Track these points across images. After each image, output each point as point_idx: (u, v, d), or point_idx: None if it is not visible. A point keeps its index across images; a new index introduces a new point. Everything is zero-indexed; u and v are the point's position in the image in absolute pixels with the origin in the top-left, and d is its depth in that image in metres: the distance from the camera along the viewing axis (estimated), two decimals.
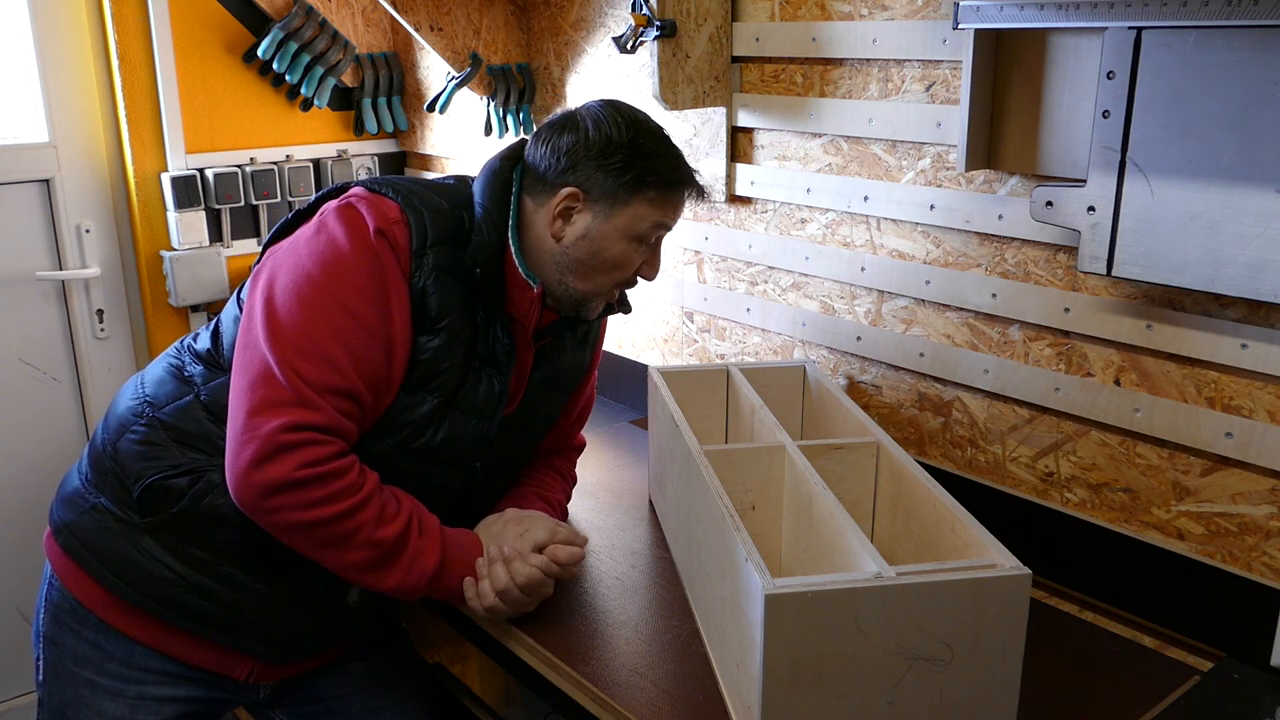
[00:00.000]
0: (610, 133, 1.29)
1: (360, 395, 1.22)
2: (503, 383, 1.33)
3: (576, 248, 1.30)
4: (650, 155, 1.30)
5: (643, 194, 1.29)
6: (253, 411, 1.17)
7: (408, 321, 1.26)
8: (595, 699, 1.18)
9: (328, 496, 1.17)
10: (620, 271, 1.33)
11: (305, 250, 1.24)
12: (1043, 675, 1.18)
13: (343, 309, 1.21)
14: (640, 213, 1.30)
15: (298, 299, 1.21)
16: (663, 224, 1.33)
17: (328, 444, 1.18)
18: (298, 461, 1.16)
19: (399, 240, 1.25)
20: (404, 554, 1.23)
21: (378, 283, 1.23)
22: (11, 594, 2.26)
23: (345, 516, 1.19)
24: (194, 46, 2.24)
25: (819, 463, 1.26)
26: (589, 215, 1.30)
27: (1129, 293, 1.30)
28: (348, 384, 1.20)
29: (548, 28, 2.16)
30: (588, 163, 1.28)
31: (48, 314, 2.24)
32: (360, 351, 1.21)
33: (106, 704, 1.35)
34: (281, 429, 1.16)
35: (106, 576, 1.31)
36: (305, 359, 1.19)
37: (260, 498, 1.17)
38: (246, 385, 1.20)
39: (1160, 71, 1.15)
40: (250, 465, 1.16)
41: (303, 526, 1.19)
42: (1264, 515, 1.23)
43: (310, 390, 1.18)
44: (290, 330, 1.20)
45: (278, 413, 1.17)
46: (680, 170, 1.33)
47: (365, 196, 1.28)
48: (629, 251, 1.32)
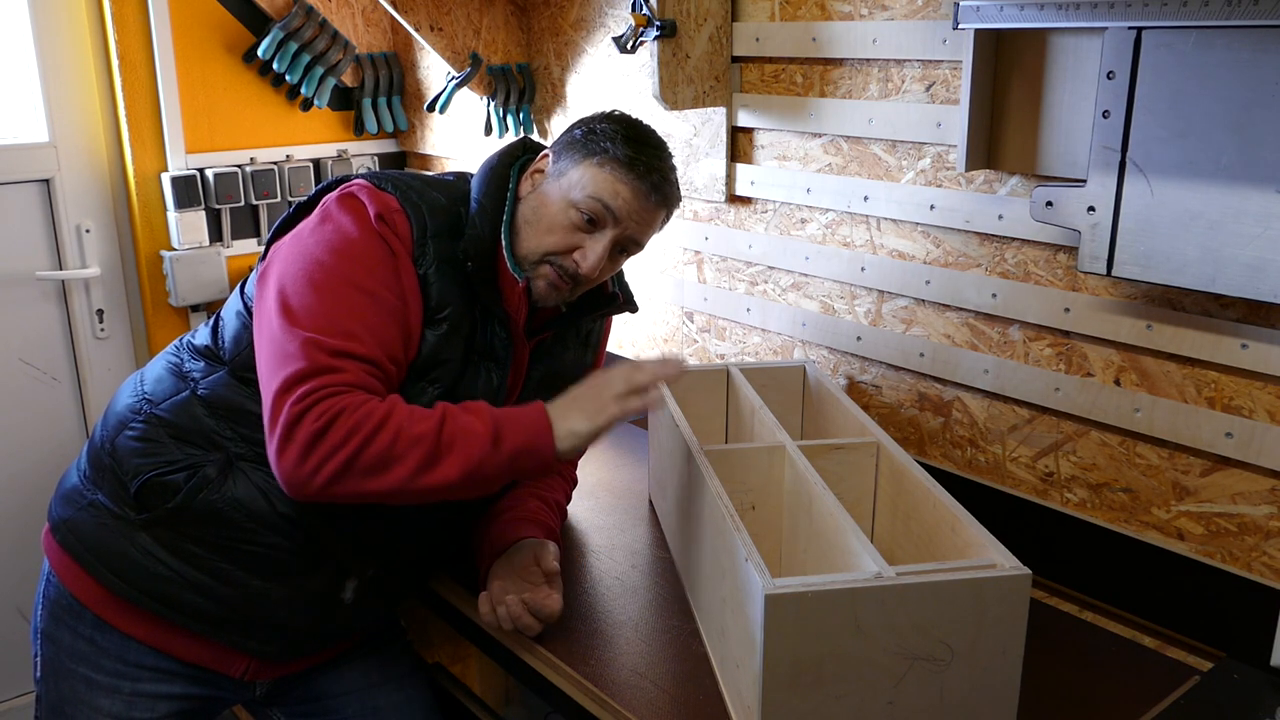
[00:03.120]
0: (607, 116, 1.34)
1: (383, 364, 1.20)
2: (501, 376, 1.33)
3: (526, 204, 1.33)
4: (617, 136, 1.30)
5: (590, 159, 1.29)
6: (277, 393, 1.16)
7: (419, 304, 1.25)
8: (595, 699, 1.18)
9: (351, 429, 1.13)
10: (551, 236, 1.29)
11: (312, 240, 1.24)
12: (1043, 675, 1.18)
13: (357, 288, 1.20)
14: (584, 176, 1.28)
15: (310, 286, 1.20)
16: (600, 199, 1.27)
17: (345, 393, 1.15)
18: (315, 415, 1.13)
19: (400, 227, 1.25)
20: (455, 433, 1.16)
21: (389, 264, 1.23)
22: (11, 593, 2.26)
23: (374, 435, 1.13)
24: (194, 46, 2.24)
25: (819, 463, 1.26)
26: (547, 176, 1.33)
27: (1129, 293, 1.30)
28: (368, 352, 1.19)
29: (548, 28, 2.16)
30: (572, 133, 1.33)
31: (48, 314, 2.23)
32: (378, 327, 1.20)
33: (103, 700, 1.35)
34: (299, 399, 1.14)
35: (103, 573, 1.31)
36: (325, 334, 1.17)
37: (297, 466, 1.14)
38: (269, 374, 1.18)
39: (1160, 71, 1.15)
40: (281, 442, 1.14)
41: (345, 470, 1.14)
42: (1264, 515, 1.23)
43: (329, 358, 1.16)
44: (306, 316, 1.19)
45: (298, 386, 1.15)
46: (642, 154, 1.29)
47: (365, 187, 1.28)
48: (563, 216, 1.28)
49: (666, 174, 1.32)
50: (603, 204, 1.28)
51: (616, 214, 1.28)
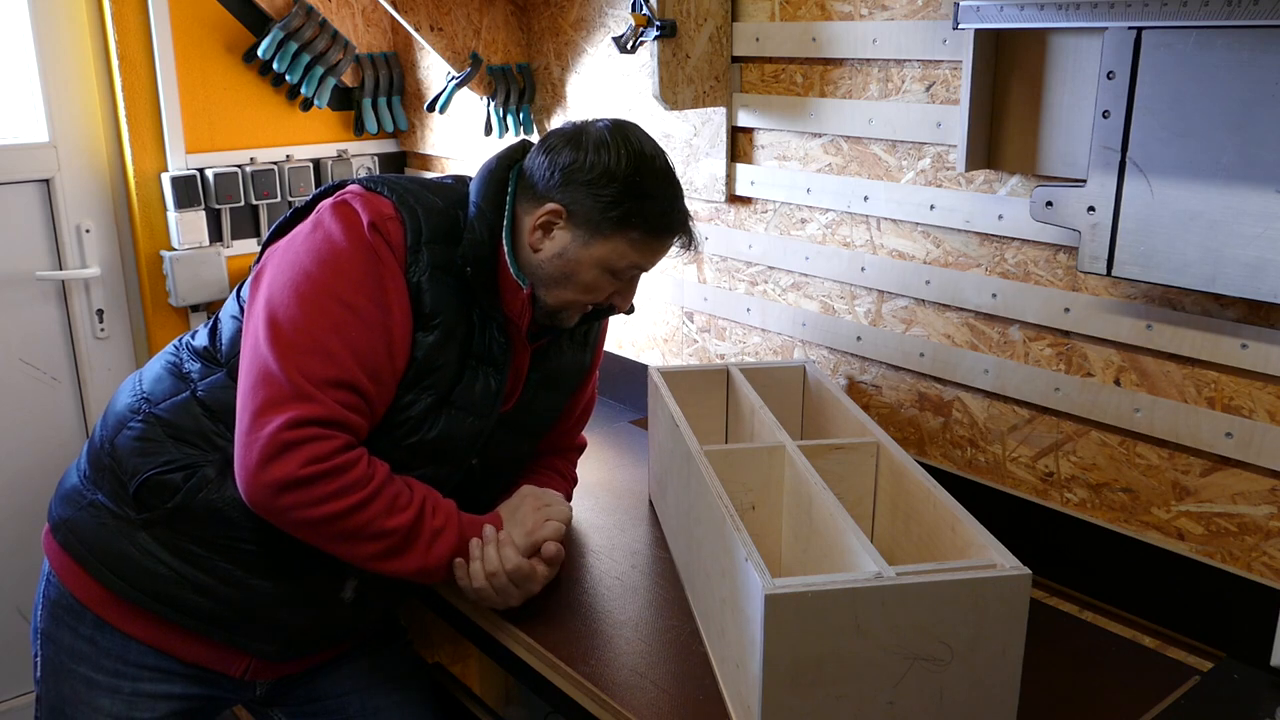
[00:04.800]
0: (609, 161, 1.25)
1: (361, 387, 1.22)
2: (499, 381, 1.34)
3: (550, 264, 1.30)
4: (644, 195, 1.27)
5: (625, 233, 1.27)
6: (256, 412, 1.18)
7: (407, 314, 1.26)
8: (595, 699, 1.18)
9: (336, 491, 1.18)
10: (589, 295, 1.33)
11: (302, 248, 1.25)
12: (1043, 675, 1.18)
13: (340, 303, 1.22)
14: (619, 250, 1.28)
15: (296, 296, 1.22)
16: (639, 266, 1.32)
17: (332, 439, 1.19)
18: (303, 459, 1.16)
19: (393, 236, 1.26)
20: (420, 539, 1.24)
21: (375, 277, 1.24)
22: (11, 593, 2.26)
23: (355, 510, 1.19)
24: (194, 46, 2.25)
25: (819, 463, 1.26)
26: (568, 236, 1.28)
27: (1129, 293, 1.30)
28: (347, 376, 1.20)
29: (548, 28, 2.16)
30: (580, 186, 1.26)
31: (48, 314, 2.23)
32: (359, 344, 1.22)
33: (103, 700, 1.35)
34: (284, 426, 1.16)
35: (103, 573, 1.32)
36: (304, 355, 1.19)
37: (270, 497, 1.18)
38: (249, 387, 1.20)
39: (1160, 71, 1.15)
40: (257, 466, 1.17)
41: (315, 523, 1.19)
42: (1264, 515, 1.23)
43: (309, 384, 1.18)
44: (289, 329, 1.20)
45: (279, 410, 1.17)
46: (672, 217, 1.31)
47: (360, 193, 1.28)
48: (600, 280, 1.31)
49: (686, 212, 1.34)
50: (641, 268, 1.33)
51: (649, 269, 1.35)
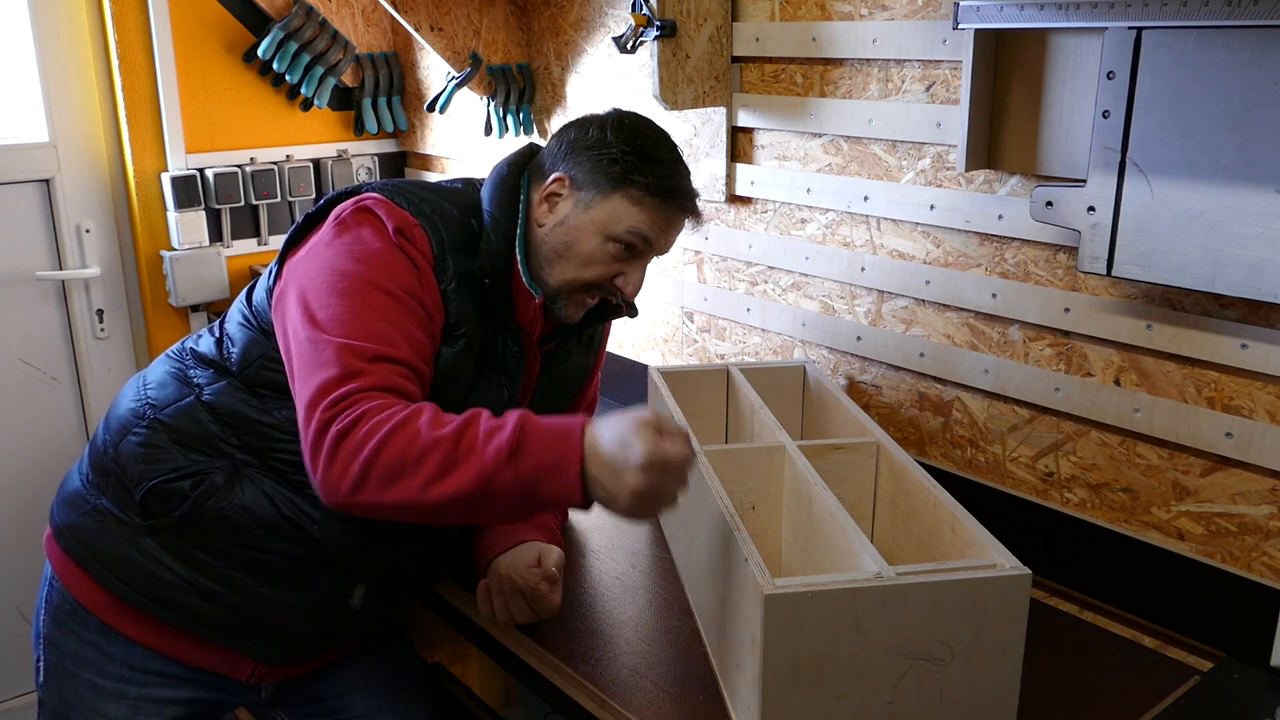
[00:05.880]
0: (612, 122, 1.30)
1: (415, 365, 1.17)
2: (512, 390, 1.33)
3: (554, 235, 1.29)
4: (645, 154, 1.27)
5: (624, 190, 1.26)
6: (310, 401, 1.11)
7: (442, 315, 1.24)
8: (595, 699, 1.18)
9: (370, 429, 1.07)
10: (590, 269, 1.28)
11: (330, 253, 1.22)
12: (1043, 675, 1.18)
13: (385, 293, 1.18)
14: (619, 210, 1.26)
15: (336, 295, 1.17)
16: (640, 232, 1.27)
17: (374, 396, 1.11)
18: (342, 417, 1.08)
19: (420, 242, 1.23)
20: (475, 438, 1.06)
21: (412, 275, 1.21)
22: (11, 593, 2.26)
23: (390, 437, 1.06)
24: (194, 46, 2.25)
25: (819, 463, 1.26)
26: (570, 203, 1.28)
27: (1129, 293, 1.30)
28: (402, 355, 1.16)
29: (548, 28, 2.16)
30: (583, 152, 1.28)
31: (48, 314, 2.24)
32: (409, 330, 1.18)
33: (108, 706, 1.34)
34: (331, 404, 1.10)
35: (108, 578, 1.31)
36: (354, 338, 1.14)
37: (328, 469, 1.08)
38: (303, 384, 1.14)
39: (1160, 71, 1.15)
40: (314, 449, 1.09)
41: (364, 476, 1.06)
42: (1264, 515, 1.23)
43: (363, 362, 1.12)
44: (334, 324, 1.15)
45: (332, 391, 1.10)
46: (673, 179, 1.29)
47: (380, 201, 1.25)
48: (601, 250, 1.27)
49: (692, 188, 1.33)
50: (643, 237, 1.28)
51: (654, 242, 1.30)
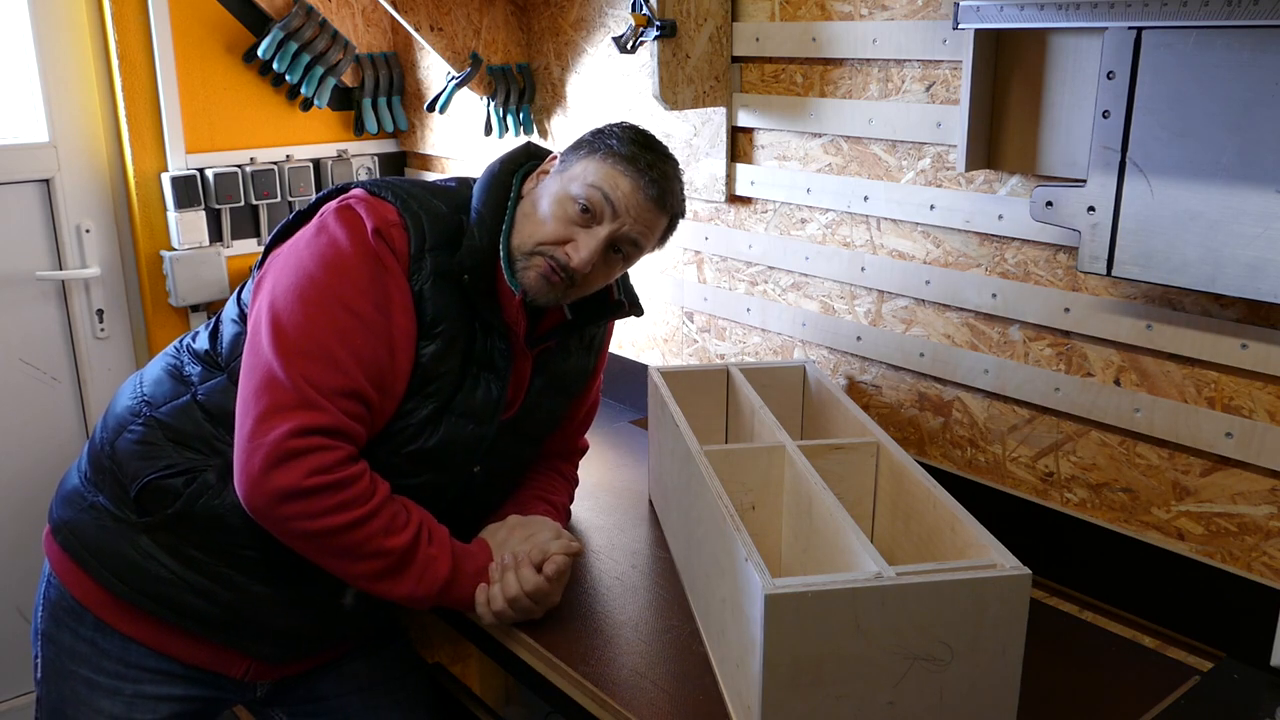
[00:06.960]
0: (616, 126, 1.34)
1: (366, 395, 1.22)
2: (500, 388, 1.33)
3: (527, 200, 1.33)
4: (624, 135, 1.31)
5: (594, 154, 1.30)
6: (260, 418, 1.17)
7: (411, 322, 1.25)
8: (595, 699, 1.18)
9: (337, 505, 1.17)
10: (544, 228, 1.28)
11: (306, 252, 1.25)
12: (1043, 675, 1.18)
13: (345, 309, 1.21)
14: (584, 169, 1.29)
15: (300, 301, 1.21)
16: (598, 187, 1.26)
17: (335, 449, 1.18)
18: (307, 469, 1.16)
19: (397, 242, 1.25)
20: (414, 563, 1.23)
21: (379, 283, 1.23)
22: (11, 593, 2.26)
23: (354, 526, 1.19)
24: (194, 46, 2.24)
25: (819, 463, 1.26)
26: (552, 174, 1.34)
27: (1129, 293, 1.30)
28: (352, 384, 1.20)
29: (548, 28, 2.16)
30: (582, 142, 1.34)
31: (48, 314, 2.23)
32: (364, 351, 1.21)
33: (104, 702, 1.35)
34: (289, 434, 1.16)
35: (104, 575, 1.31)
36: (309, 361, 1.19)
37: (271, 506, 1.17)
38: (253, 391, 1.19)
39: (1160, 71, 1.15)
40: (260, 473, 1.16)
41: (313, 535, 1.18)
42: (1264, 515, 1.23)
43: (315, 392, 1.18)
44: (294, 333, 1.20)
45: (284, 417, 1.16)
46: (644, 154, 1.29)
47: (364, 198, 1.28)
48: (559, 208, 1.28)
49: (670, 178, 1.32)
50: (601, 193, 1.26)
51: (615, 205, 1.27)
